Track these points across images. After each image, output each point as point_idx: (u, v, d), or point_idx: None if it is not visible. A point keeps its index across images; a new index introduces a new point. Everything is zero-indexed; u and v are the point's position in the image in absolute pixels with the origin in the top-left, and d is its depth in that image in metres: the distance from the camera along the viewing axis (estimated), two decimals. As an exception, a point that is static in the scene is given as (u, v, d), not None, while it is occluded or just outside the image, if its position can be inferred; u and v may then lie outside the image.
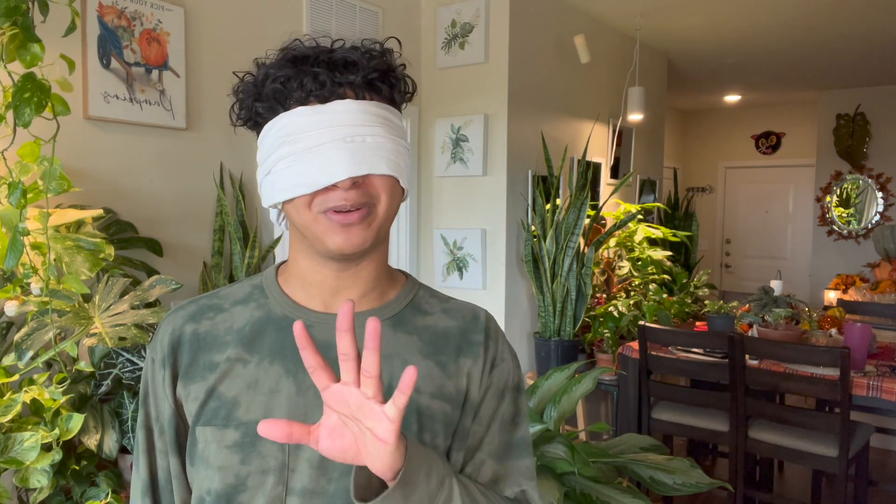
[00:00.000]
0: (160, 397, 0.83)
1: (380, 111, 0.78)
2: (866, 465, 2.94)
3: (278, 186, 0.78)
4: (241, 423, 0.78)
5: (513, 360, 0.90)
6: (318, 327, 0.82)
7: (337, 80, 0.76)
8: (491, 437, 0.86)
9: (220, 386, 0.80)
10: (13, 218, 1.45)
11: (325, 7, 2.86)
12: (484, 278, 3.34)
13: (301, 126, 0.76)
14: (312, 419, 0.77)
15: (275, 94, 0.77)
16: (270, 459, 0.77)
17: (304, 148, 0.75)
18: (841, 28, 4.12)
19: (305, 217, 0.77)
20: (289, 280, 0.86)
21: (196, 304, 0.86)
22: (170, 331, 0.84)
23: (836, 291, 4.61)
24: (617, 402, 3.25)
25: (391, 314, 0.85)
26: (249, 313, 0.84)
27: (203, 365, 0.81)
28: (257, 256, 2.46)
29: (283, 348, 0.81)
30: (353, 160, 0.74)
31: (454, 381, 0.84)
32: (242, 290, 0.87)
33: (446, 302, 0.91)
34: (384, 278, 0.86)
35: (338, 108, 0.76)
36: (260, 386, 0.79)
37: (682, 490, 1.80)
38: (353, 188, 0.75)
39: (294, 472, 0.77)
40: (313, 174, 0.75)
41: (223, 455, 0.78)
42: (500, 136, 3.27)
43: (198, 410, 0.80)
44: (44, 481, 1.48)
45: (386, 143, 0.77)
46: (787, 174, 6.92)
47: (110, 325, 1.59)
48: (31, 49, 1.49)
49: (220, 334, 0.83)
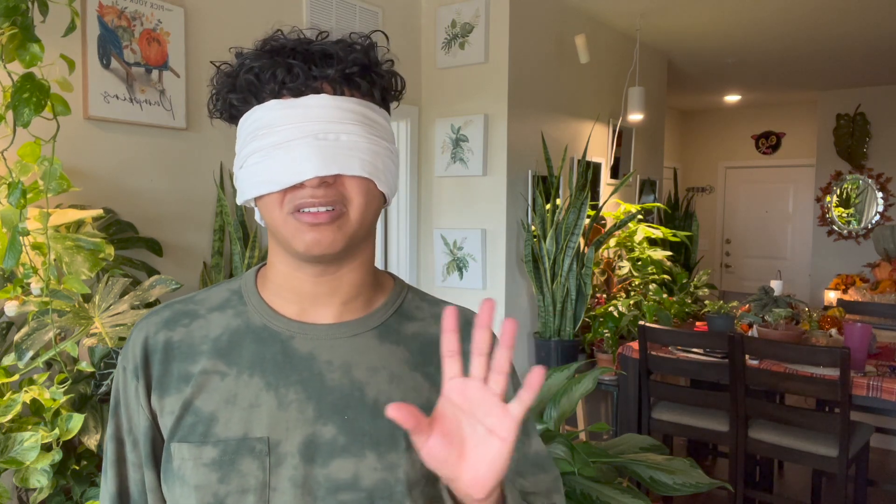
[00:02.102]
0: (133, 409, 0.78)
1: (358, 108, 0.74)
2: (866, 465, 2.94)
3: (248, 182, 0.75)
4: (220, 440, 0.73)
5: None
6: (300, 338, 0.77)
7: (313, 73, 0.72)
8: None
9: (196, 400, 0.75)
10: (13, 218, 1.45)
11: (325, 7, 2.86)
12: (484, 278, 3.34)
13: (272, 120, 0.72)
14: (293, 436, 0.73)
15: (249, 85, 0.74)
16: (251, 478, 0.72)
17: (274, 143, 0.72)
18: (841, 28, 4.12)
19: (276, 217, 0.74)
20: (267, 285, 0.81)
21: (170, 310, 0.81)
22: (142, 338, 0.79)
23: (836, 291, 4.61)
24: (617, 402, 3.25)
25: (377, 324, 0.80)
26: (227, 321, 0.79)
27: (177, 376, 0.76)
28: (257, 256, 2.46)
29: (262, 360, 0.76)
30: (322, 159, 0.70)
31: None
32: (220, 294, 0.82)
33: (436, 306, 0.86)
34: (368, 285, 0.81)
35: (311, 103, 0.72)
36: (239, 400, 0.74)
37: (682, 490, 1.80)
38: (323, 187, 0.71)
39: (275, 492, 0.72)
40: (281, 171, 0.71)
41: (200, 473, 0.73)
42: (500, 136, 3.27)
43: (173, 425, 0.75)
44: (44, 481, 1.48)
45: (361, 143, 0.73)
46: (787, 174, 6.92)
47: (110, 325, 1.59)
48: (31, 49, 1.49)
49: (195, 343, 0.78)
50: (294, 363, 0.76)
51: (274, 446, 0.73)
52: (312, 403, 0.75)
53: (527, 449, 0.84)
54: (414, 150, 3.45)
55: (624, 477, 1.93)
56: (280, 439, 0.73)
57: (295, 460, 0.73)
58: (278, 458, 0.73)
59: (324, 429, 0.74)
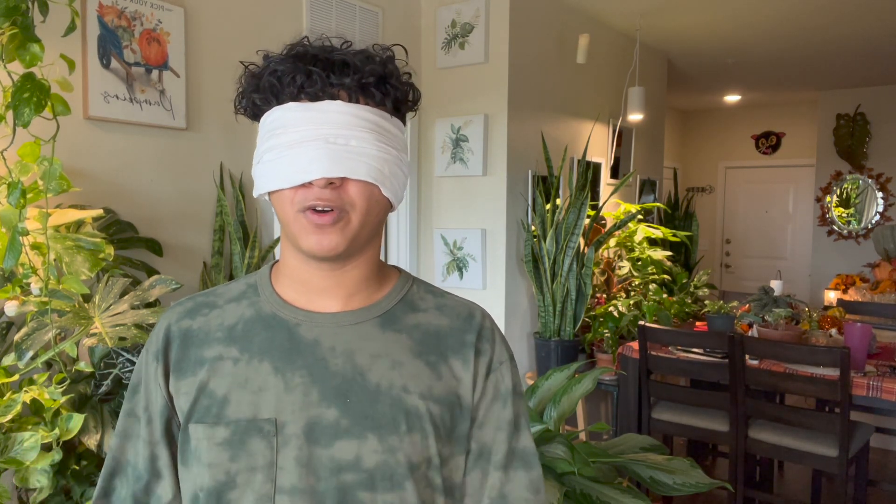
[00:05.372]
0: (152, 388, 0.84)
1: (370, 116, 0.78)
2: (866, 465, 2.94)
3: (263, 177, 0.79)
4: (231, 421, 0.78)
5: (510, 361, 0.88)
6: (305, 325, 0.82)
7: (331, 80, 0.77)
8: (498, 446, 0.85)
9: (210, 383, 0.80)
10: (13, 218, 1.45)
11: (325, 7, 2.86)
12: (484, 278, 3.34)
13: (288, 121, 0.77)
14: (298, 418, 0.78)
15: (270, 87, 0.78)
16: (258, 457, 0.77)
17: (288, 143, 0.76)
18: (841, 28, 4.12)
19: (286, 213, 0.78)
20: (279, 278, 0.86)
21: (193, 301, 0.88)
22: (165, 326, 0.85)
23: (836, 291, 4.61)
24: (617, 402, 3.25)
25: (380, 312, 0.84)
26: (241, 311, 0.85)
27: (193, 360, 0.82)
28: (257, 256, 2.46)
29: (271, 346, 0.81)
30: (330, 161, 0.75)
31: (444, 382, 0.83)
32: (238, 287, 0.88)
33: (441, 297, 0.90)
34: (373, 280, 0.86)
35: (326, 108, 0.76)
36: (249, 384, 0.79)
37: (682, 490, 1.80)
38: (329, 188, 0.76)
39: (282, 470, 0.77)
40: (291, 170, 0.76)
41: (213, 452, 0.78)
42: (500, 136, 3.27)
43: (190, 407, 0.80)
44: (44, 481, 1.48)
45: (370, 149, 0.77)
46: (787, 174, 6.92)
47: (110, 325, 1.59)
48: (31, 49, 1.49)
49: (210, 330, 0.83)
50: (300, 349, 0.81)
51: (281, 427, 0.78)
52: (316, 387, 0.79)
53: (515, 443, 0.87)
54: (414, 150, 3.46)
55: (624, 477, 1.93)
56: (286, 421, 0.78)
57: (300, 441, 0.77)
58: (285, 439, 0.77)
59: (327, 411, 0.78)
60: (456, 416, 0.83)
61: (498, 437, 0.85)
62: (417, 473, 0.79)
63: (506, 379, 0.87)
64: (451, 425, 0.82)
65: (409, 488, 0.78)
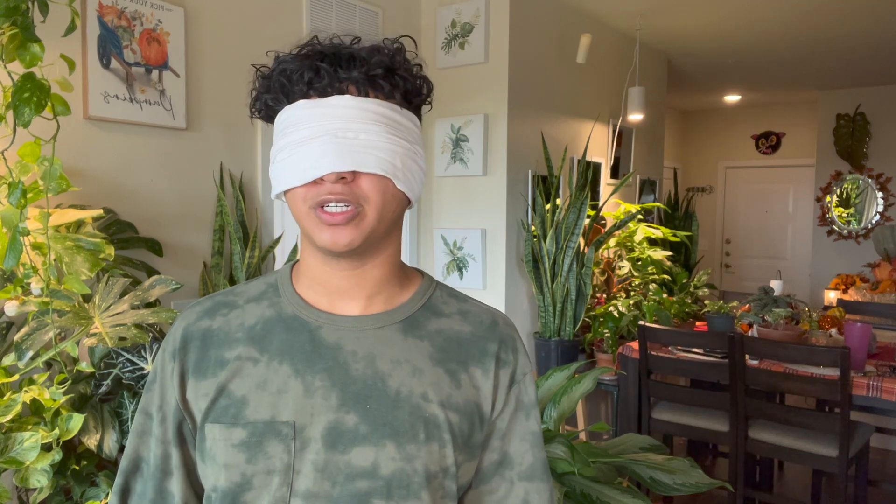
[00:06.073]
0: (168, 387, 0.83)
1: (380, 109, 0.76)
2: (866, 465, 2.94)
3: (277, 177, 0.78)
4: (249, 423, 0.77)
5: (532, 372, 0.88)
6: (327, 328, 0.81)
7: (338, 75, 0.76)
8: (523, 457, 0.85)
9: (230, 384, 0.79)
10: (13, 218, 1.45)
11: (325, 7, 2.86)
12: (484, 278, 3.34)
13: (298, 118, 0.76)
14: (317, 421, 0.76)
15: (281, 86, 0.78)
16: (276, 460, 0.76)
17: (298, 140, 0.76)
18: (841, 28, 4.12)
19: (300, 211, 0.77)
20: (300, 279, 0.85)
21: (212, 301, 0.86)
22: (183, 326, 0.84)
23: (836, 291, 4.61)
24: (617, 402, 3.25)
25: (402, 317, 0.83)
26: (261, 311, 0.84)
27: (214, 361, 0.81)
28: (257, 256, 2.46)
29: (291, 348, 0.80)
30: (339, 155, 0.74)
31: (463, 391, 0.82)
32: (258, 287, 0.87)
33: (465, 303, 0.89)
34: (394, 280, 0.85)
35: (334, 103, 0.75)
36: (268, 385, 0.78)
37: (682, 490, 1.80)
38: (340, 183, 0.75)
39: (299, 475, 0.76)
40: (301, 167, 0.75)
41: (230, 453, 0.77)
42: (500, 136, 3.27)
43: (208, 407, 0.79)
44: (44, 481, 1.48)
45: (380, 142, 0.76)
46: (787, 174, 6.92)
47: (110, 325, 1.59)
48: (31, 49, 1.49)
49: (231, 331, 0.82)
50: (321, 352, 0.80)
51: (299, 431, 0.76)
52: (336, 391, 0.78)
53: (539, 454, 0.87)
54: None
55: (624, 477, 1.93)
56: (305, 424, 0.77)
57: (318, 445, 0.76)
58: (303, 443, 0.76)
59: (346, 416, 0.77)
60: (474, 426, 0.82)
61: (523, 448, 0.85)
62: (434, 483, 0.78)
63: (529, 390, 0.86)
64: (468, 434, 0.81)
65: (426, 498, 0.77)
